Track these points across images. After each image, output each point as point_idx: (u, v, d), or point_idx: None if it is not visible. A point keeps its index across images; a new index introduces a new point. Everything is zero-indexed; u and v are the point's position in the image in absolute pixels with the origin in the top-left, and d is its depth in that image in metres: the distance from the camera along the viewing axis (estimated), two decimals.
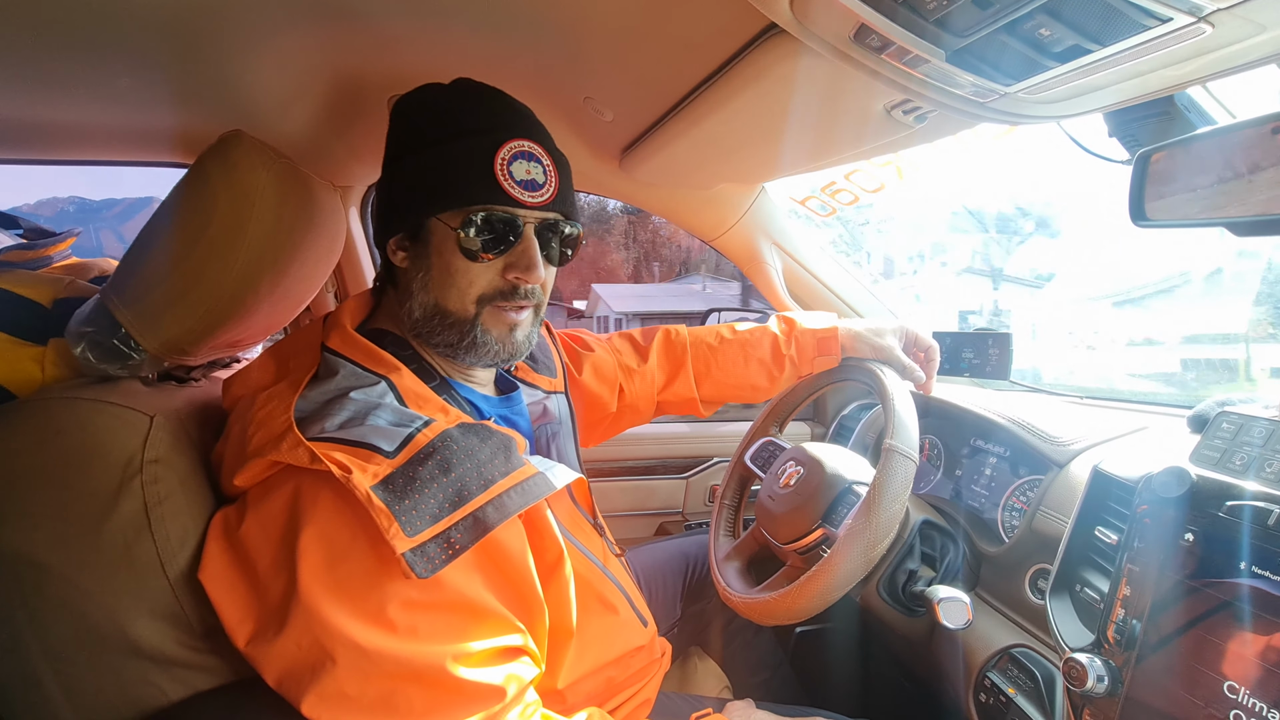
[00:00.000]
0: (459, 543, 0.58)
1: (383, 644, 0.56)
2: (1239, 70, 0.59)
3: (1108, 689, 0.66)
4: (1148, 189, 0.69)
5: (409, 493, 0.57)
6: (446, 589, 0.59)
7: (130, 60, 0.83)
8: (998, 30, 0.53)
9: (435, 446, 0.61)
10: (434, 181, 0.69)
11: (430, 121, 0.72)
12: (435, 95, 0.74)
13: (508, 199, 0.69)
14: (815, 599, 0.81)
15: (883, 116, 0.83)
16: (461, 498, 0.59)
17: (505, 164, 0.69)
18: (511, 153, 0.69)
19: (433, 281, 0.72)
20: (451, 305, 0.72)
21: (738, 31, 0.73)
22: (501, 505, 0.61)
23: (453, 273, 0.71)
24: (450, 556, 0.57)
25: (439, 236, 0.71)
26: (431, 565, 0.55)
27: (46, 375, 0.71)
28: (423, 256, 0.72)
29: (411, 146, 0.72)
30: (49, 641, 0.57)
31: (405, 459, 0.59)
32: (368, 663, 0.55)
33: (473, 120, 0.71)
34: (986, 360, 1.21)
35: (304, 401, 0.63)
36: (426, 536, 0.56)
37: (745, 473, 1.16)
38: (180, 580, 0.61)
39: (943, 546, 1.01)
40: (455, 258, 0.70)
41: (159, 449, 0.63)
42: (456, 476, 0.60)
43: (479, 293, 0.72)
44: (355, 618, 0.56)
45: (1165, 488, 0.67)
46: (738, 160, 1.14)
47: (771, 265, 1.54)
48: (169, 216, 0.69)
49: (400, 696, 0.56)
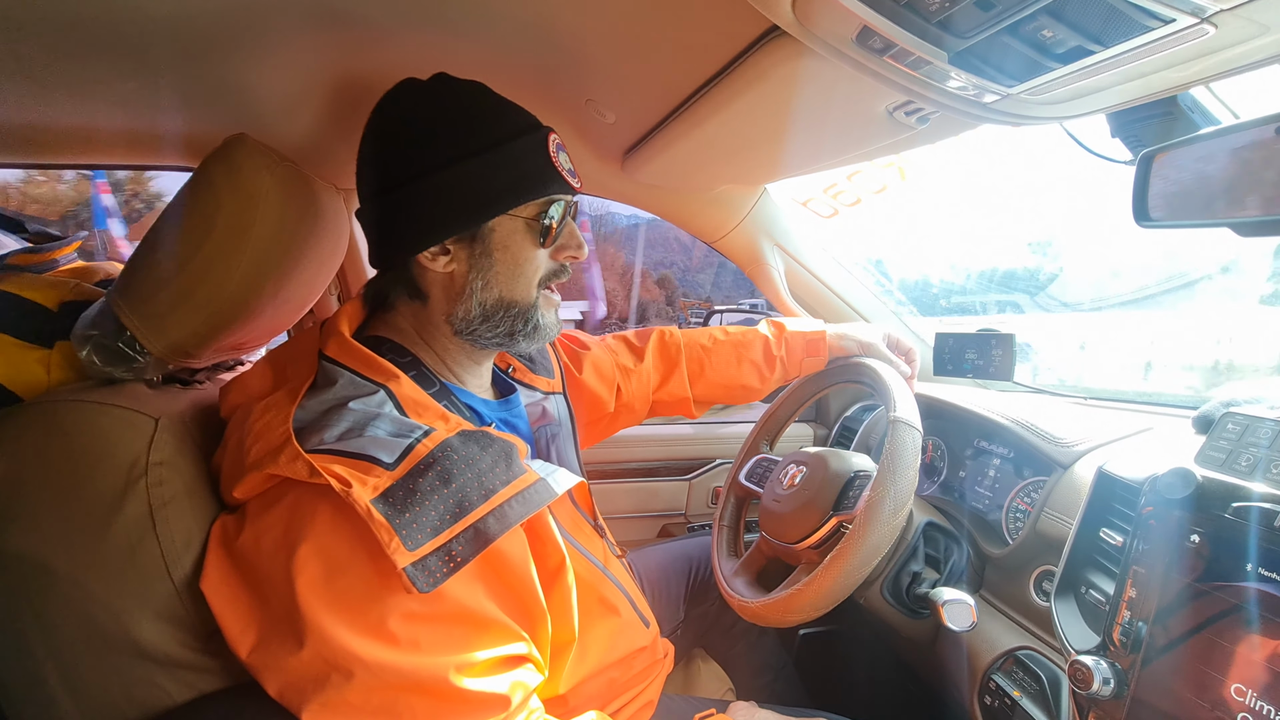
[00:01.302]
0: (460, 555, 0.57)
1: (385, 657, 0.55)
2: (1242, 71, 0.59)
3: (1113, 691, 0.66)
4: (1150, 189, 0.69)
5: (409, 505, 0.56)
6: (448, 601, 0.58)
7: (135, 65, 0.83)
8: (1000, 32, 0.53)
9: (435, 457, 0.60)
10: (506, 178, 0.71)
11: (479, 121, 0.72)
12: (458, 94, 0.73)
13: (566, 186, 0.75)
14: (842, 579, 0.80)
15: (885, 118, 0.83)
16: (462, 509, 0.58)
17: (555, 154, 0.74)
18: (555, 143, 0.74)
19: (497, 277, 0.73)
20: (519, 295, 0.75)
21: (740, 33, 0.74)
22: (503, 515, 0.60)
23: (521, 263, 0.74)
24: (452, 570, 0.56)
25: (503, 231, 0.72)
26: (433, 579, 0.55)
27: (52, 378, 0.72)
28: (483, 255, 0.72)
29: (458, 150, 0.70)
30: (54, 642, 0.57)
31: (405, 471, 0.58)
32: (370, 676, 0.55)
33: (517, 116, 0.74)
34: (990, 361, 1.21)
35: (302, 411, 0.62)
36: (427, 550, 0.55)
37: (742, 493, 1.14)
38: (184, 583, 0.61)
39: (947, 548, 1.01)
40: (525, 248, 0.74)
41: (164, 451, 0.63)
42: (457, 487, 0.59)
43: (540, 277, 0.76)
44: (356, 632, 0.55)
45: (1170, 489, 0.67)
46: (740, 162, 1.14)
47: (774, 267, 1.54)
48: (174, 220, 0.70)
49: (403, 708, 0.56)
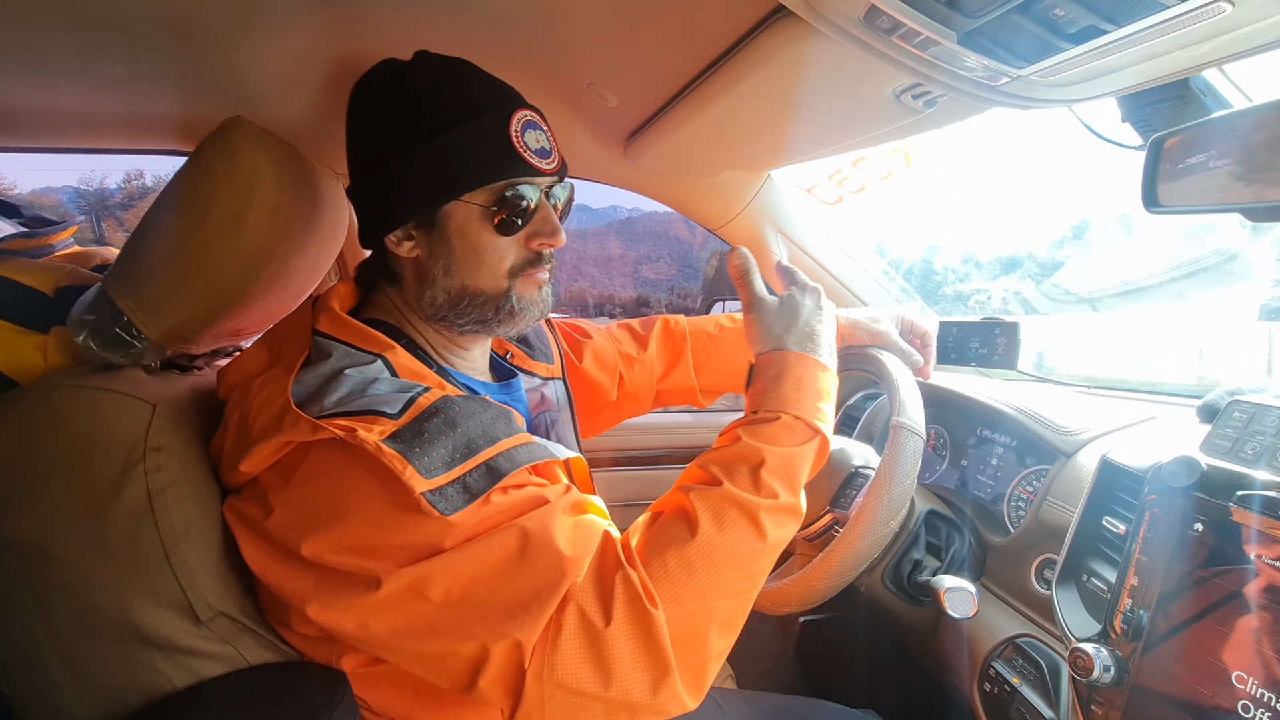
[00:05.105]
0: (475, 487, 0.57)
1: (453, 556, 0.55)
2: (1258, 52, 0.57)
3: (1114, 678, 0.66)
4: (1161, 174, 0.68)
5: (418, 444, 0.57)
6: (474, 517, 0.57)
7: (129, 46, 0.82)
8: (1011, 11, 0.51)
9: (439, 407, 0.60)
10: (456, 163, 0.68)
11: (432, 103, 0.70)
12: (425, 75, 0.71)
13: (529, 169, 0.70)
14: (828, 581, 0.81)
15: (892, 101, 0.81)
16: (471, 449, 0.59)
17: (519, 134, 0.69)
18: (521, 123, 0.70)
19: (457, 265, 0.71)
20: (484, 284, 0.72)
21: (744, 14, 0.72)
22: (512, 456, 0.61)
23: (481, 251, 0.71)
24: (470, 498, 0.57)
25: (460, 218, 0.70)
26: (451, 505, 0.55)
27: (49, 363, 0.71)
28: (441, 242, 0.71)
29: (413, 133, 0.69)
30: (54, 627, 0.57)
31: (410, 417, 0.59)
32: (439, 571, 0.55)
33: (480, 95, 0.70)
34: (994, 350, 1.20)
35: (299, 385, 0.62)
36: (443, 480, 0.56)
37: None
38: (183, 567, 0.61)
39: (948, 536, 1.01)
40: (483, 236, 0.71)
41: (161, 437, 0.63)
42: (463, 432, 0.60)
43: (509, 266, 0.73)
44: (414, 552, 0.55)
45: (1175, 477, 0.66)
46: (744, 147, 1.13)
47: (777, 254, 1.53)
48: (170, 203, 0.69)
49: (480, 576, 0.56)
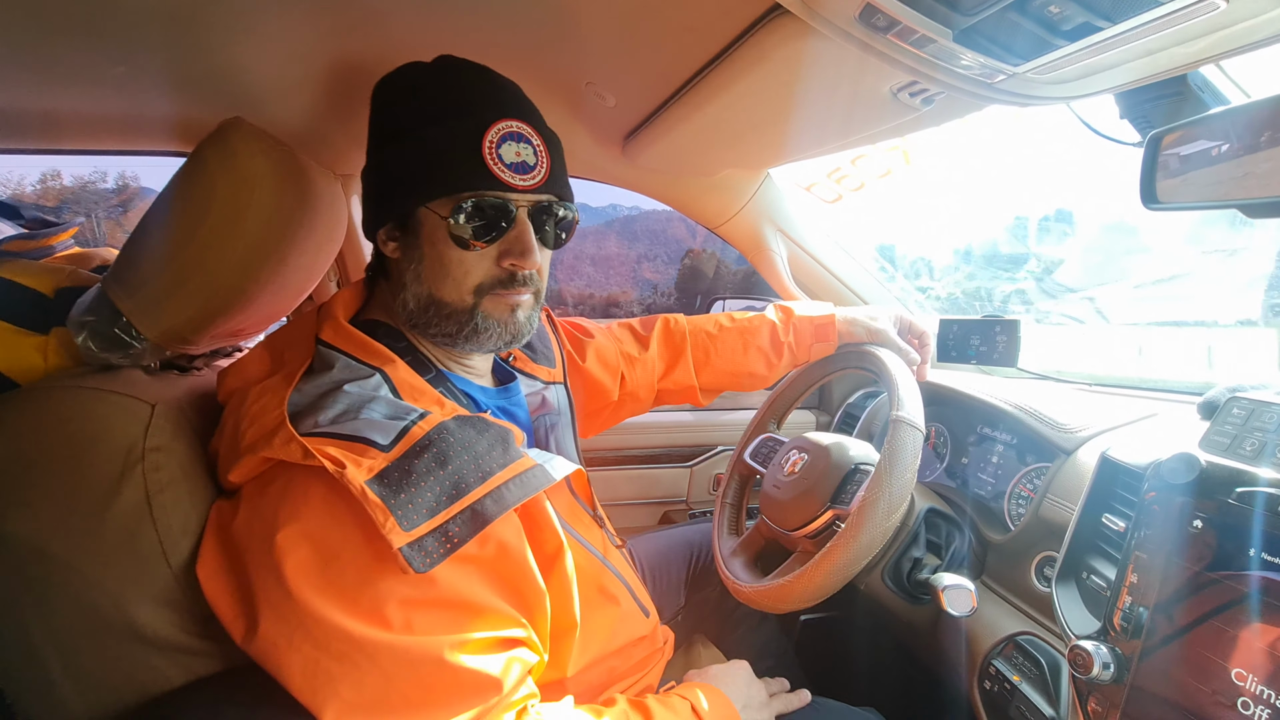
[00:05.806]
0: (457, 535, 0.57)
1: (378, 638, 0.55)
2: (1253, 48, 0.57)
3: (1114, 676, 0.66)
4: (1159, 171, 0.68)
5: (405, 486, 0.56)
6: (443, 586, 0.58)
7: (128, 47, 0.82)
8: (1006, 8, 0.52)
9: (431, 439, 0.60)
10: (421, 169, 0.67)
11: (411, 105, 0.70)
12: (415, 76, 0.72)
13: (498, 184, 0.67)
14: (831, 576, 0.81)
15: (889, 99, 0.81)
16: (459, 490, 0.58)
17: (494, 147, 0.66)
18: (500, 134, 0.67)
19: (425, 272, 0.71)
20: (448, 296, 0.71)
21: (741, 13, 0.72)
22: (500, 498, 0.60)
23: (446, 263, 0.69)
24: (449, 550, 0.56)
25: (429, 226, 0.69)
26: (429, 560, 0.55)
27: (49, 364, 0.71)
28: (414, 247, 0.71)
29: (394, 133, 0.70)
30: (53, 626, 0.57)
31: (401, 452, 0.58)
32: (362, 656, 0.55)
33: (457, 101, 0.69)
34: (994, 347, 1.20)
35: (298, 395, 0.62)
36: (424, 530, 0.55)
37: (746, 471, 1.14)
38: (182, 567, 0.61)
39: (948, 534, 1.01)
40: (448, 247, 0.69)
41: (160, 437, 0.63)
42: (454, 469, 0.59)
43: (476, 282, 0.71)
44: (349, 615, 0.55)
45: (1174, 474, 0.66)
46: (742, 146, 1.13)
47: (776, 252, 1.53)
48: (169, 205, 0.69)
49: (396, 689, 0.56)
